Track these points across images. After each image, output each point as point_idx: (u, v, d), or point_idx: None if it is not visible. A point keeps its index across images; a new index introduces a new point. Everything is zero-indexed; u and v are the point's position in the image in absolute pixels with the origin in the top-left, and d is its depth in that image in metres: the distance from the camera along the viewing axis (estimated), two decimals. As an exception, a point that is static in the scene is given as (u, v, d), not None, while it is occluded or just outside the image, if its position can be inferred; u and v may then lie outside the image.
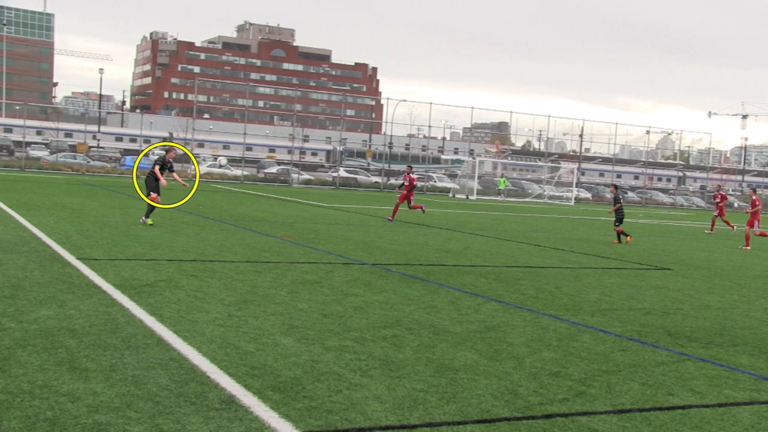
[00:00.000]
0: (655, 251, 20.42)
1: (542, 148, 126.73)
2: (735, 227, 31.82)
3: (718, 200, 31.50)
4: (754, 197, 25.26)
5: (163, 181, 17.97)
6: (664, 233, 28.86)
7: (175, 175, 18.93)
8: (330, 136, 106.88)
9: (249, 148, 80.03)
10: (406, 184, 25.00)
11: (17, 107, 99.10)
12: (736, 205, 69.11)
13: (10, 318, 7.62)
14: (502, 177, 56.76)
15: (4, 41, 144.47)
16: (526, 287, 12.06)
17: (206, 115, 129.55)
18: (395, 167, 79.26)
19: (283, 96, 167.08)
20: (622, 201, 22.61)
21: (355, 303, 9.66)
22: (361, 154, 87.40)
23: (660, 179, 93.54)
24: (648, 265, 16.62)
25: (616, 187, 23.11)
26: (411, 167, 25.58)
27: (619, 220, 22.39)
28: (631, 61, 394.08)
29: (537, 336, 8.47)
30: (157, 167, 18.23)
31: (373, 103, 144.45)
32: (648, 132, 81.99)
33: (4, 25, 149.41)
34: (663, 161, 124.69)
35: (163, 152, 18.66)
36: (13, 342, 6.73)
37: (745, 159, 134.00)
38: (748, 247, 23.33)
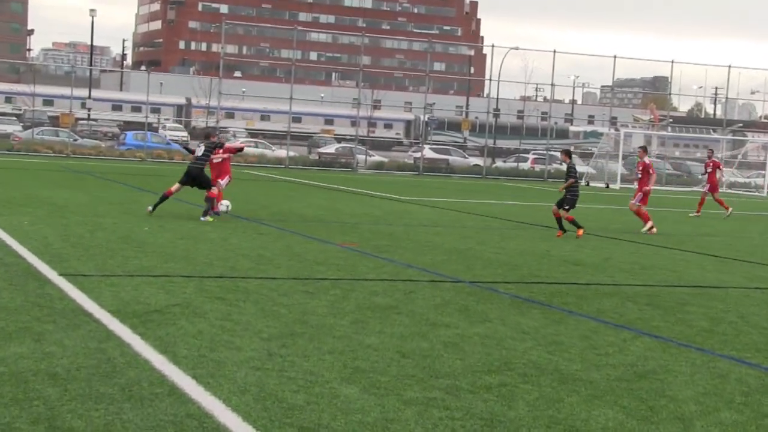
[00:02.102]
0: None
1: (719, 113, 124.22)
2: (730, 209, 32.43)
3: (709, 170, 33.59)
4: (645, 160, 24.64)
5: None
6: None
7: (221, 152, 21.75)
8: (410, 101, 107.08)
9: (297, 119, 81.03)
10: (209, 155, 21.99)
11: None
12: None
13: (-30, 356, 7.86)
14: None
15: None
16: (696, 316, 11.81)
17: (237, 73, 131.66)
18: (503, 143, 78.95)
19: (344, 45, 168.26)
20: (577, 175, 21.35)
21: (446, 337, 9.63)
22: (455, 126, 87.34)
23: None
24: None
25: (568, 153, 21.82)
26: (216, 134, 24.31)
27: (569, 202, 21.01)
28: None
29: (712, 388, 8.29)
30: (220, 151, 21.55)
31: (472, 52, 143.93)
32: None
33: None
34: None
35: (208, 140, 21.69)
36: (-26, 389, 6.93)
37: None
38: (654, 230, 23.31)
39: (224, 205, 21.18)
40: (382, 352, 8.79)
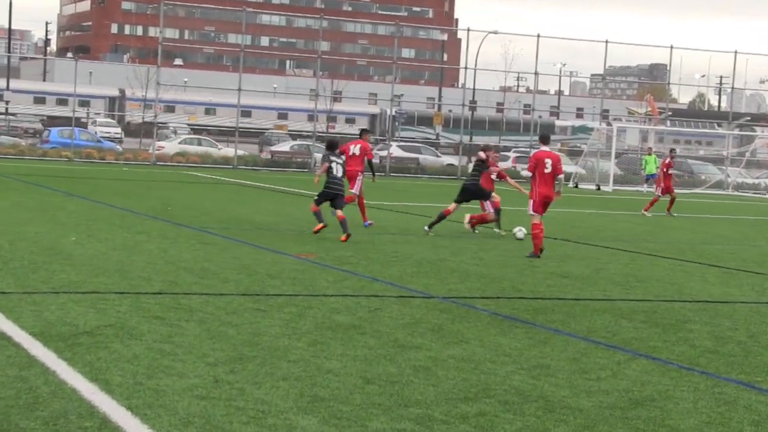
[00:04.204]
0: None
1: (724, 105, 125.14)
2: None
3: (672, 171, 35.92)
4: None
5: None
6: None
7: (509, 179, 23.45)
8: (376, 93, 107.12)
9: (247, 113, 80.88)
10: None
11: None
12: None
13: None
14: (649, 154, 55.60)
15: None
16: (699, 335, 11.89)
17: (178, 61, 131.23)
18: (481, 140, 79.11)
19: (300, 29, 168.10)
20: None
21: (416, 360, 9.64)
22: (426, 121, 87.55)
23: None
24: None
25: (331, 145, 21.62)
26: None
27: (322, 192, 20.80)
28: None
29: (717, 416, 8.35)
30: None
31: (445, 37, 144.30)
32: None
33: None
34: None
35: (481, 153, 23.20)
36: None
37: None
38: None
39: (521, 231, 21.93)
40: (344, 378, 8.78)
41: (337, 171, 21.10)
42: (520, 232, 21.91)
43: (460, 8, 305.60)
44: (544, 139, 20.29)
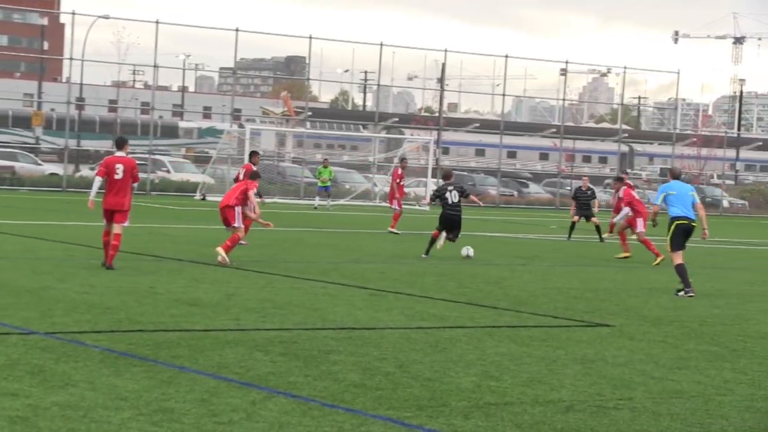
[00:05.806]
0: (582, 291, 21.25)
1: (370, 104, 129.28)
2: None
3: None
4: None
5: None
6: (596, 258, 30.08)
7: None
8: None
9: None
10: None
11: None
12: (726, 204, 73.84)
13: None
14: (325, 166, 56.25)
15: None
16: (344, 367, 12.17)
17: None
18: (90, 145, 78.05)
19: None
20: None
21: (12, 410, 9.42)
22: (23, 121, 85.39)
23: (588, 158, 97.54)
24: (569, 319, 17.27)
25: None
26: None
27: None
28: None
29: (364, 457, 8.58)
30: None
31: (46, 21, 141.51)
32: (564, 72, 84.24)
33: None
34: (594, 126, 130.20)
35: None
36: None
37: (740, 119, 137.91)
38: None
39: (468, 249, 26.35)
40: None
41: None
42: (466, 250, 25.75)
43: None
44: (119, 144, 21.91)
